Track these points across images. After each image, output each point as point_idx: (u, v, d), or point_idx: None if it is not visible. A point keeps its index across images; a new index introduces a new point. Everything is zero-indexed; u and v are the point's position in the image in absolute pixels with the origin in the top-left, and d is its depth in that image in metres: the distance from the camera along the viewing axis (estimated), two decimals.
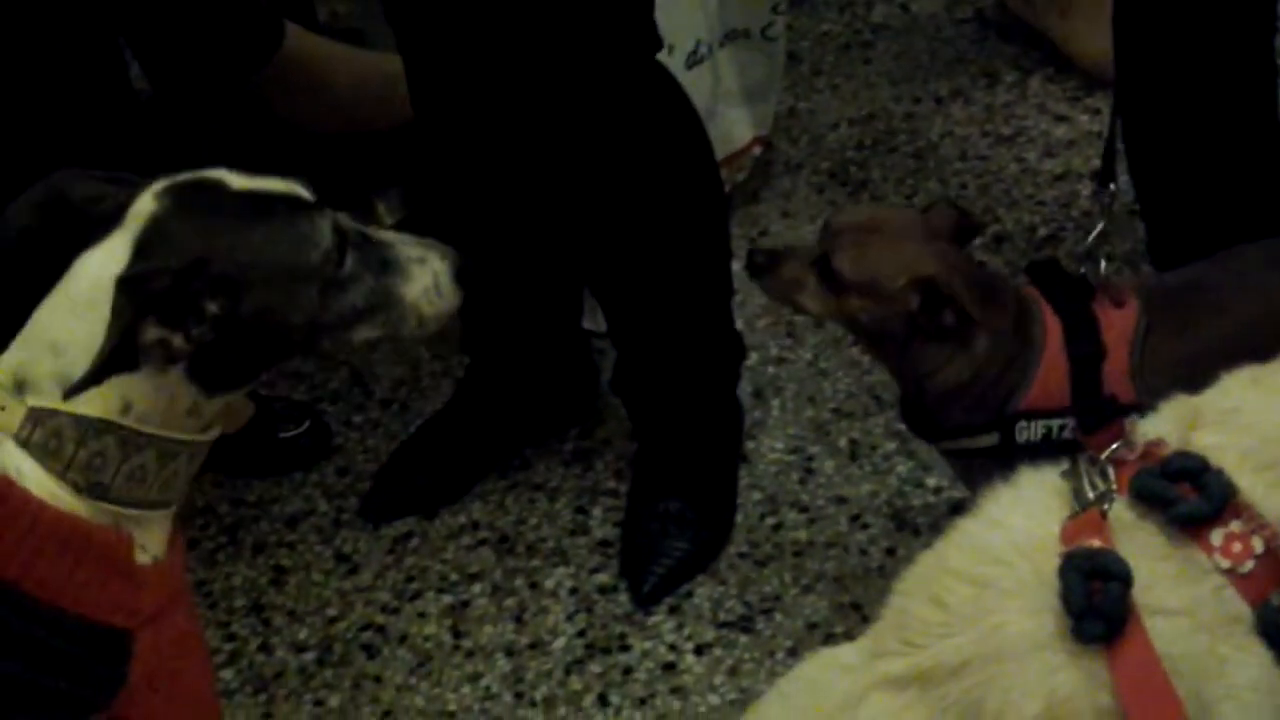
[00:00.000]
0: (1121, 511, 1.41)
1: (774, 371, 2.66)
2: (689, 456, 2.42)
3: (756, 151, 2.96)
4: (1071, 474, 1.45)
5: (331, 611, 2.37)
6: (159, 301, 1.38)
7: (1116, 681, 1.34)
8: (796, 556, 2.38)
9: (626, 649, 2.28)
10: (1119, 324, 1.93)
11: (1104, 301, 1.94)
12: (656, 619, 2.31)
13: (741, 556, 2.39)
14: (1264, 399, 1.46)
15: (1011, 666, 1.36)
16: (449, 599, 2.37)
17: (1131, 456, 1.45)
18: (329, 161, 2.74)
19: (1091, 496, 1.42)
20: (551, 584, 2.38)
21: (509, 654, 2.29)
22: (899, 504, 2.43)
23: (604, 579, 2.38)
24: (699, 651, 2.27)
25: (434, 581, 2.40)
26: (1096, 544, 1.38)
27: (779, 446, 2.54)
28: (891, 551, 2.35)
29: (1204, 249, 2.07)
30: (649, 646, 2.28)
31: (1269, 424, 1.43)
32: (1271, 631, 1.38)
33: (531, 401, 2.54)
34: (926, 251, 1.91)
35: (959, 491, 2.29)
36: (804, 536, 2.40)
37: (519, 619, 2.33)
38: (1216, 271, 2.01)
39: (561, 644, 2.29)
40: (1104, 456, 1.45)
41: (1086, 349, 1.91)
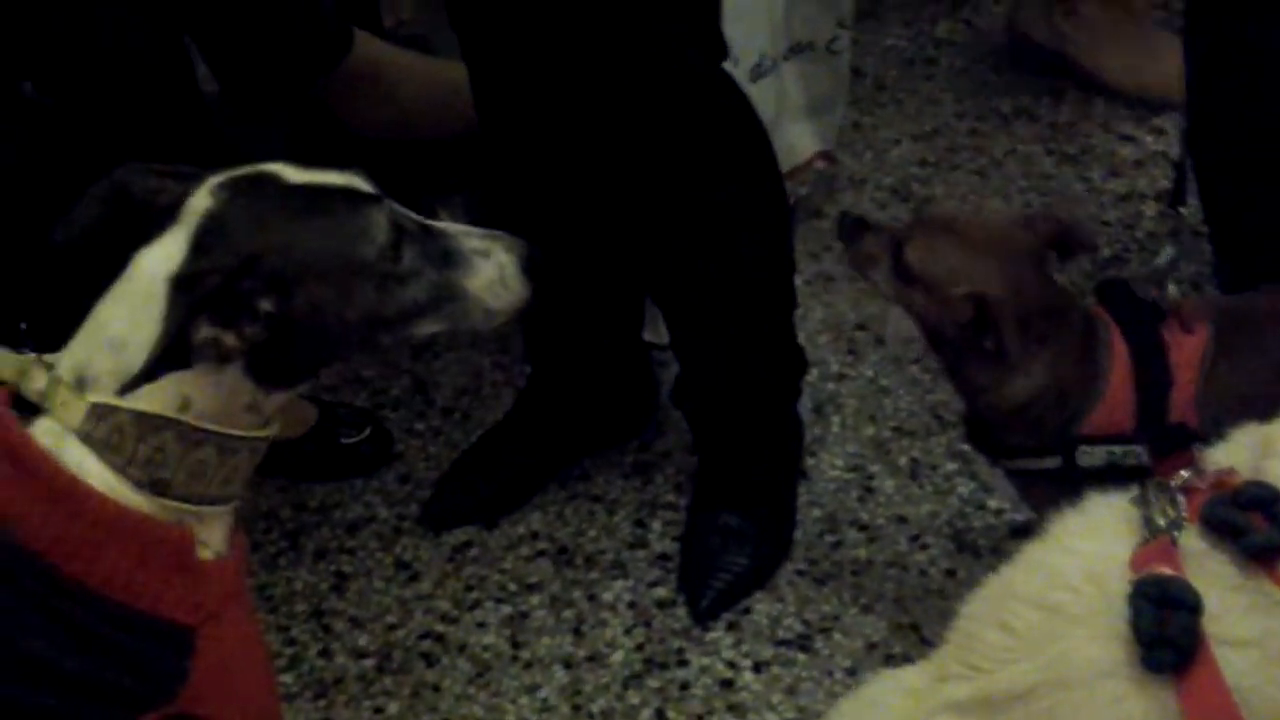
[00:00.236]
0: (1192, 540, 1.39)
1: (834, 388, 2.66)
2: (749, 471, 2.42)
3: (820, 166, 2.95)
4: (1141, 501, 1.44)
5: (391, 619, 2.37)
6: (211, 301, 1.38)
7: (1185, 712, 1.32)
8: (855, 575, 2.37)
9: (684, 664, 2.28)
10: (1187, 350, 1.91)
11: (1174, 326, 1.92)
12: (715, 635, 2.31)
13: (800, 574, 2.38)
14: None
15: (1078, 694, 1.35)
16: (508, 609, 2.37)
17: (1202, 485, 1.43)
18: (392, 169, 2.73)
19: (1162, 524, 1.41)
20: (610, 597, 2.38)
21: (567, 666, 2.29)
22: (959, 525, 2.42)
23: (662, 593, 2.38)
24: (757, 669, 2.26)
25: (493, 591, 2.40)
26: (1167, 572, 1.36)
27: (839, 464, 2.54)
28: (951, 573, 2.34)
29: (1273, 274, 2.06)
30: (707, 662, 2.27)
31: None
32: None
33: (592, 413, 2.54)
34: (997, 268, 1.89)
35: (1020, 514, 2.29)
36: (863, 555, 2.40)
37: (577, 631, 2.33)
38: None
39: (619, 657, 2.29)
40: (1175, 484, 1.44)
41: (1155, 376, 1.89)
